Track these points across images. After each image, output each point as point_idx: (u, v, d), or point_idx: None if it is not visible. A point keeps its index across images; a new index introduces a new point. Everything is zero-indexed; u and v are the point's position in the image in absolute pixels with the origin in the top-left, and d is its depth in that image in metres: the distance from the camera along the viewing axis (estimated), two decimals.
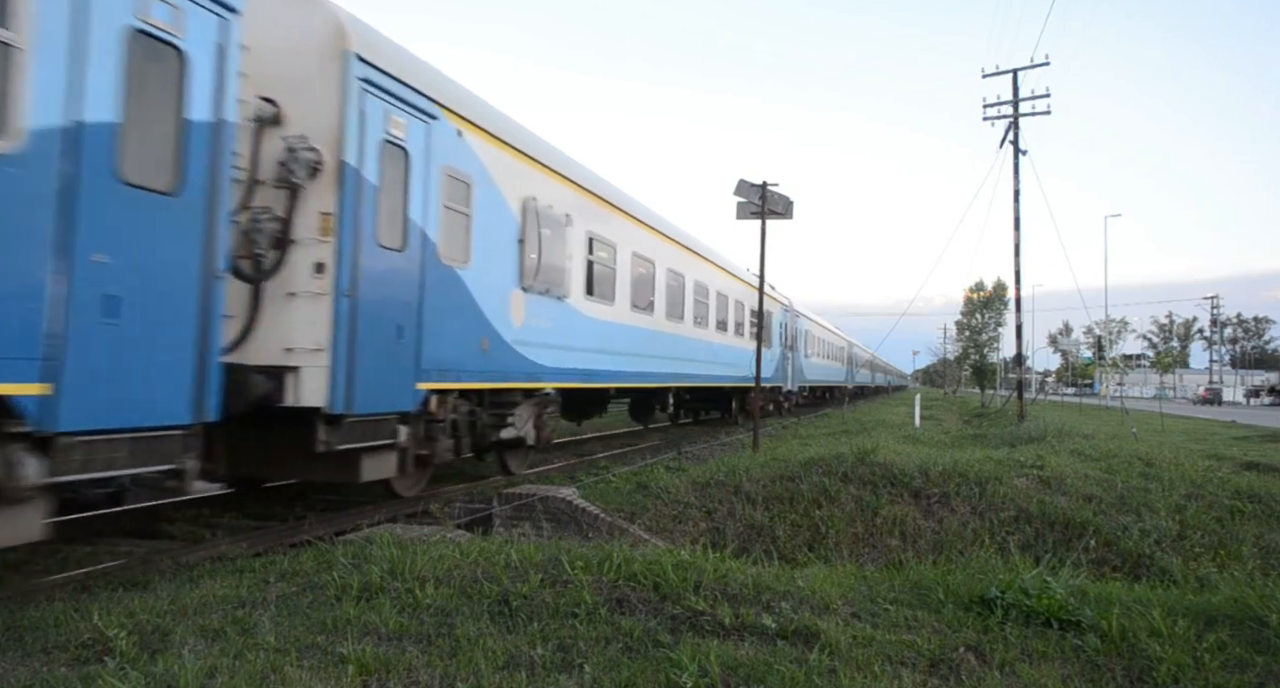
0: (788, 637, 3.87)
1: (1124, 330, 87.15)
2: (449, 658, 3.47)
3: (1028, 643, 4.05)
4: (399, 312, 7.01)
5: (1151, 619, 4.23)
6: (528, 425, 9.93)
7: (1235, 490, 9.46)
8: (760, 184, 12.83)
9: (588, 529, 7.34)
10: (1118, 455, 11.87)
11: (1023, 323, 24.88)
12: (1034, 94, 24.12)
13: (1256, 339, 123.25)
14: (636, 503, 8.28)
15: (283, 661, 3.33)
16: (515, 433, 9.51)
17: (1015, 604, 4.43)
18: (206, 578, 4.85)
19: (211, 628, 3.74)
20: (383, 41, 7.08)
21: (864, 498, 8.65)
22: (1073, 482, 9.35)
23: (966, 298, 55.46)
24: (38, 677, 3.23)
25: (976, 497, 8.73)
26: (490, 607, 4.08)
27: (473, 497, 8.95)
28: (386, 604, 4.04)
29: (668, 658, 3.48)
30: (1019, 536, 8.13)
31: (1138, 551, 7.83)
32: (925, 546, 7.99)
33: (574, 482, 9.68)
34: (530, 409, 9.94)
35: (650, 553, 4.92)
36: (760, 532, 8.16)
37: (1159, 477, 10.15)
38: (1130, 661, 3.89)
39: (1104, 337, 66.38)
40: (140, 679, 3.09)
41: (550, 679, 3.32)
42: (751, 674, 3.40)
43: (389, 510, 8.22)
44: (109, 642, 3.51)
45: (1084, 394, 76.55)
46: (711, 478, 9.09)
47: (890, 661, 3.69)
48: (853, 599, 4.58)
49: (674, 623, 3.98)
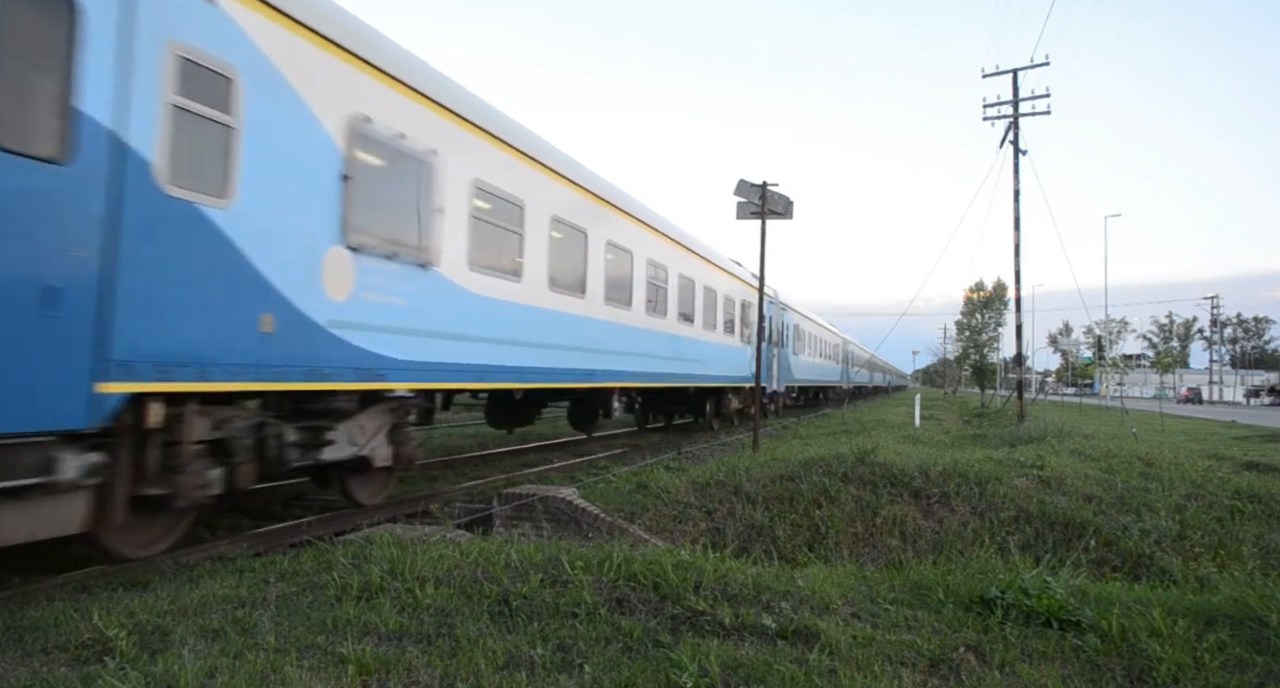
0: (788, 637, 3.87)
1: (1124, 330, 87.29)
2: (449, 658, 3.47)
3: (1028, 643, 4.05)
4: (49, 264, 4.35)
5: (1151, 619, 4.23)
6: (374, 441, 7.44)
7: (1235, 490, 9.46)
8: (760, 184, 12.83)
9: (588, 529, 7.34)
10: (1118, 455, 11.87)
11: (1023, 323, 24.90)
12: (1034, 94, 24.17)
13: (1256, 339, 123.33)
14: (636, 503, 8.28)
15: (283, 661, 3.33)
16: (350, 452, 7.15)
17: (1015, 604, 4.43)
18: (206, 578, 4.85)
19: (211, 628, 3.74)
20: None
21: (864, 498, 8.65)
22: (1073, 482, 9.35)
23: (966, 298, 55.48)
24: (38, 677, 3.22)
25: (976, 497, 8.73)
26: (490, 607, 4.08)
27: (473, 497, 8.95)
28: (386, 604, 4.04)
29: (668, 658, 3.48)
30: (1019, 536, 8.13)
31: (1138, 551, 7.83)
32: (925, 546, 7.99)
33: (574, 482, 9.68)
34: (378, 419, 7.54)
35: (650, 553, 4.92)
36: (760, 532, 8.16)
37: (1159, 477, 10.14)
38: (1130, 661, 3.89)
39: (1104, 337, 66.39)
40: (140, 679, 3.09)
41: (550, 679, 3.32)
42: (751, 674, 3.40)
43: (389, 511, 8.22)
44: (109, 642, 3.51)
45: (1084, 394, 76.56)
46: (711, 478, 9.09)
47: (890, 661, 3.69)
48: (853, 599, 4.58)
49: (674, 623, 3.98)
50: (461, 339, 8.22)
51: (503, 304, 9.00)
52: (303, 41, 6.16)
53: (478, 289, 8.49)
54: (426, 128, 7.62)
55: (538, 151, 9.87)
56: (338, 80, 6.51)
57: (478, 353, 8.52)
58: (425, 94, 7.65)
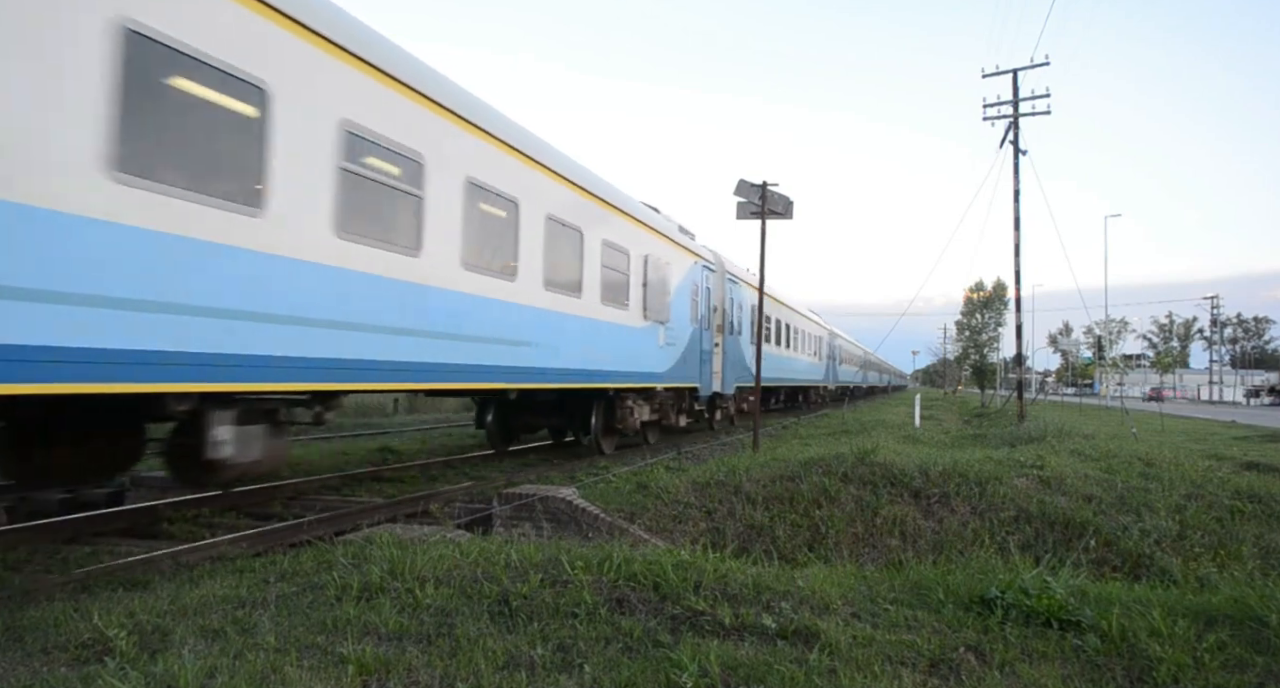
0: (788, 637, 3.87)
1: (1124, 330, 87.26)
2: (449, 658, 3.47)
3: (1028, 643, 4.04)
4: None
5: (1151, 619, 4.23)
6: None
7: (1235, 490, 9.46)
8: (760, 184, 12.83)
9: (588, 529, 7.34)
10: (1118, 455, 11.87)
11: (1023, 323, 24.91)
12: (1034, 94, 24.18)
13: (1256, 339, 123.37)
14: (636, 503, 8.28)
15: (283, 661, 3.33)
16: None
17: (1015, 604, 4.43)
18: (206, 578, 4.86)
19: (211, 628, 3.74)
20: None
21: (864, 498, 8.65)
22: (1073, 482, 9.35)
23: (966, 298, 55.48)
24: (38, 677, 3.23)
25: (976, 497, 8.72)
26: (490, 607, 4.08)
27: (473, 497, 8.96)
28: (386, 604, 4.04)
29: (668, 658, 3.48)
30: (1019, 536, 8.13)
31: (1138, 551, 7.82)
32: (925, 546, 7.99)
33: (574, 482, 9.69)
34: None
35: (650, 553, 4.92)
36: (760, 532, 8.16)
37: (1159, 477, 10.14)
38: (1130, 661, 3.89)
39: (1104, 337, 66.41)
40: (140, 679, 3.09)
41: (550, 679, 3.32)
42: (751, 674, 3.40)
43: (389, 511, 8.22)
44: (109, 642, 3.51)
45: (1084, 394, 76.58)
46: (711, 478, 9.09)
47: (890, 661, 3.69)
48: (853, 599, 4.58)
49: (674, 623, 3.98)
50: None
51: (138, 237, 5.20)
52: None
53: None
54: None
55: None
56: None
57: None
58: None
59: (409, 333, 7.66)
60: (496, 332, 9.22)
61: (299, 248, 6.30)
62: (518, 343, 9.66)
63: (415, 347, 7.77)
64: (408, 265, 7.62)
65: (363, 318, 7.00)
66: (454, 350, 8.42)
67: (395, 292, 7.44)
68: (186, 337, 5.36)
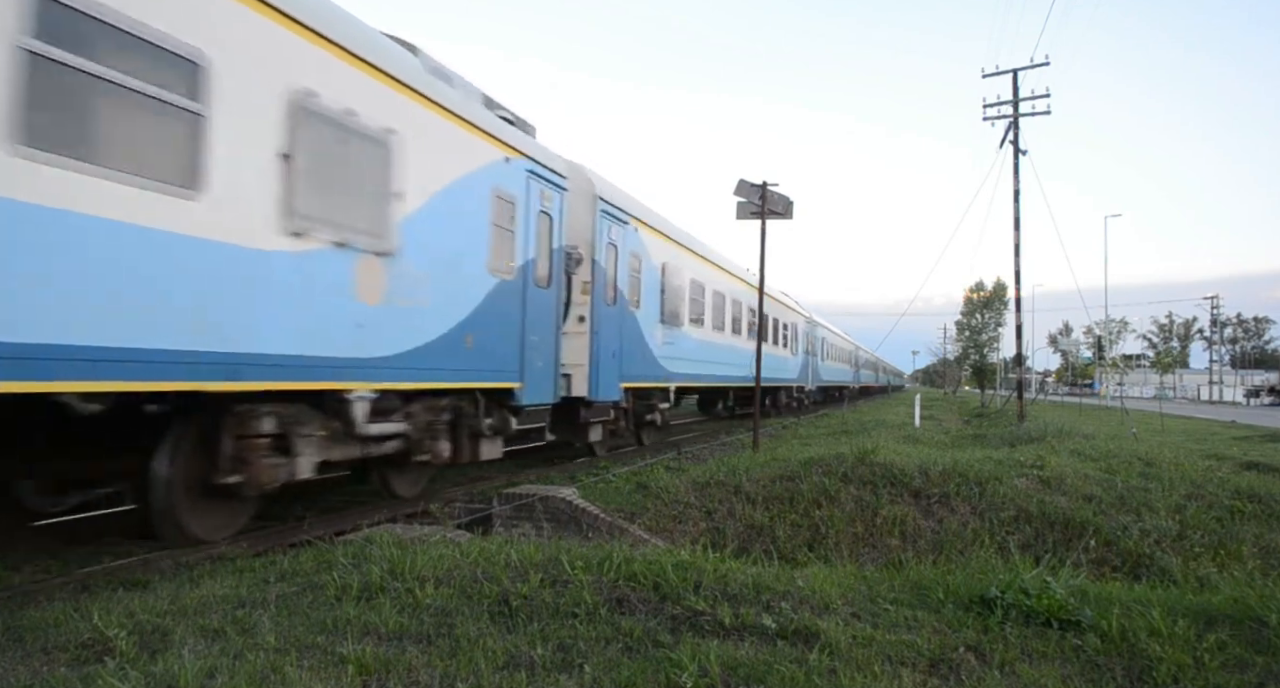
0: (788, 637, 3.86)
1: (1124, 330, 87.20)
2: (449, 658, 3.46)
3: (1028, 643, 4.04)
4: None
5: (1151, 619, 4.23)
6: None
7: (1235, 490, 9.46)
8: (760, 184, 12.82)
9: (588, 529, 7.34)
10: (1118, 455, 11.87)
11: (1023, 323, 24.90)
12: (1034, 94, 24.16)
13: (1256, 339, 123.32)
14: (636, 503, 8.28)
15: (283, 661, 3.33)
16: None
17: (1015, 604, 4.42)
18: (206, 578, 4.85)
19: (211, 628, 3.73)
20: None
21: (864, 498, 8.65)
22: (1073, 482, 9.35)
23: (966, 298, 55.50)
24: (38, 677, 3.22)
25: (976, 497, 8.72)
26: (490, 607, 4.07)
27: (473, 497, 8.95)
28: (386, 604, 4.04)
29: (668, 658, 3.48)
30: (1019, 535, 8.13)
31: (1138, 551, 7.83)
32: (925, 546, 7.99)
33: (574, 482, 9.68)
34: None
35: (650, 553, 4.92)
36: (760, 532, 8.16)
37: (1159, 477, 10.14)
38: (1130, 661, 3.88)
39: (1104, 337, 66.39)
40: (140, 679, 3.09)
41: (550, 679, 3.32)
42: (751, 674, 3.40)
43: (389, 510, 8.22)
44: (109, 642, 3.51)
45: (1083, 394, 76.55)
46: (711, 478, 9.09)
47: (890, 661, 3.69)
48: (853, 599, 4.58)
49: (674, 623, 3.97)
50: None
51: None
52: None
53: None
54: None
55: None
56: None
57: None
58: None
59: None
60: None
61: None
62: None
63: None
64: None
65: None
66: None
67: None
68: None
